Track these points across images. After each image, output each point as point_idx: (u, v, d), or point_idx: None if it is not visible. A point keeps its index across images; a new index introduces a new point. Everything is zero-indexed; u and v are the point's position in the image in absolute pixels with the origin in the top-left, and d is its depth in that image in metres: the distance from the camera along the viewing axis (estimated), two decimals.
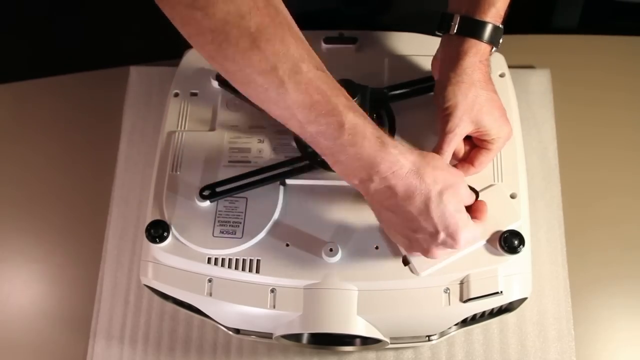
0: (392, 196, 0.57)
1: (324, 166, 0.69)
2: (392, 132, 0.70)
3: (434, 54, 0.76)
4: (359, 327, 0.64)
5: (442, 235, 0.58)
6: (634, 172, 0.88)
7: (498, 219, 0.66)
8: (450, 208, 0.57)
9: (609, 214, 0.86)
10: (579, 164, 0.88)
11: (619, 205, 0.86)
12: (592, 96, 0.93)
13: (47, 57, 1.37)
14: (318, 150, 0.58)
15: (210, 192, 0.69)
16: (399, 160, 0.56)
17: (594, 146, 0.90)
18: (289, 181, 0.70)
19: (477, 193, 0.65)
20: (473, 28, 0.65)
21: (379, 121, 0.71)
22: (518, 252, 0.65)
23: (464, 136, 0.66)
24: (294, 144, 0.71)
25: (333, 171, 0.64)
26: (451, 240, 0.58)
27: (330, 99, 0.55)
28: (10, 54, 1.38)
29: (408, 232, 0.60)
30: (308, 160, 0.70)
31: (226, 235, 0.68)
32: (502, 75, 0.76)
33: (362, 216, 0.68)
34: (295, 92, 0.54)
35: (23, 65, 1.35)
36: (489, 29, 0.65)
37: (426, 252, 0.61)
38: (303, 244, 0.67)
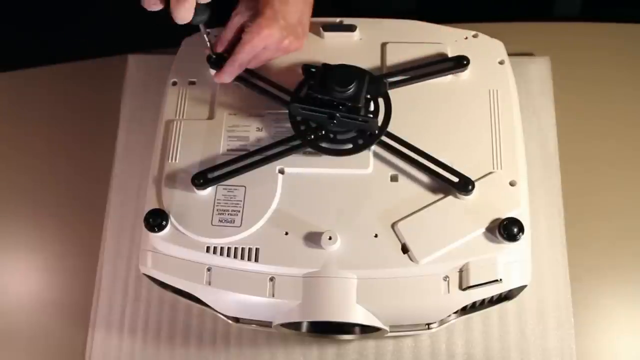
0: None
1: (314, 146, 0.69)
2: (388, 118, 0.70)
3: (433, 41, 0.76)
4: (359, 315, 0.64)
5: None
6: (634, 161, 0.88)
7: (497, 207, 0.66)
8: None
9: (609, 202, 0.86)
10: (579, 152, 0.88)
11: (619, 193, 0.86)
12: (592, 84, 0.92)
13: (44, 45, 1.37)
14: None
15: (202, 179, 0.69)
16: None
17: (593, 134, 0.89)
18: (287, 169, 0.70)
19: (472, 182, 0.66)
20: None
21: (375, 108, 0.70)
22: (517, 239, 0.65)
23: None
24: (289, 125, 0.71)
25: (326, 152, 0.64)
26: None
27: None
28: (7, 43, 1.37)
29: None
30: (300, 139, 0.69)
31: (225, 224, 0.68)
32: (501, 63, 0.75)
33: (361, 204, 0.68)
34: None
35: (21, 54, 1.34)
36: None
37: None
38: (302, 232, 0.67)
